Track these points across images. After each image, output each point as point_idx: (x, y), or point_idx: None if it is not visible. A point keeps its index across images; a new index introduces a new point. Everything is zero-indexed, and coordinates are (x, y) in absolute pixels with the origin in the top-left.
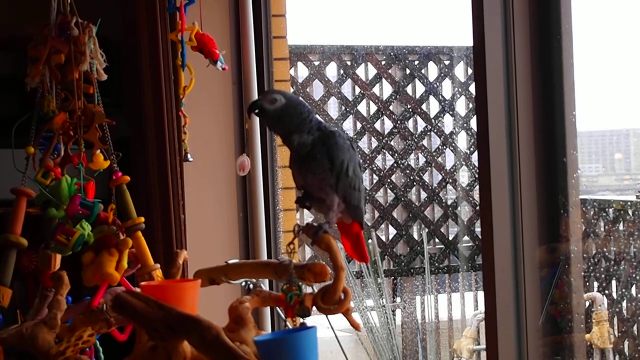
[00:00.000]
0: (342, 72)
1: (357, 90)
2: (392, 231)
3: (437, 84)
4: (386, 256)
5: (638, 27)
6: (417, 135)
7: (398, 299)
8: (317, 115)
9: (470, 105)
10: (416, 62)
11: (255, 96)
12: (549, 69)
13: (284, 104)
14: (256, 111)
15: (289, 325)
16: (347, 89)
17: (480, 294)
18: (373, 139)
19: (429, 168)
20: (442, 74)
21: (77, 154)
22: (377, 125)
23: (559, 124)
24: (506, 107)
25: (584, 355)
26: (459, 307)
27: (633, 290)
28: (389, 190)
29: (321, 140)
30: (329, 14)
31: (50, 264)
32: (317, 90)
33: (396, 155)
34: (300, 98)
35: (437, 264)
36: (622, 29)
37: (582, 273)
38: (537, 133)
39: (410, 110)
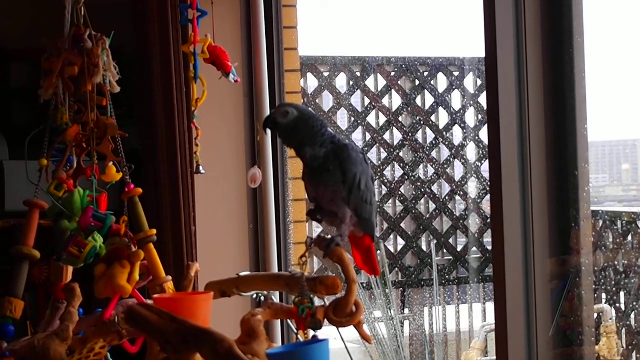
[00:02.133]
0: (351, 83)
1: (367, 101)
2: (401, 242)
3: (447, 95)
4: (395, 267)
5: None
6: (426, 147)
7: (406, 310)
8: (330, 129)
9: (480, 117)
10: (426, 74)
11: (267, 108)
12: (561, 81)
13: (296, 117)
14: (270, 125)
15: (301, 338)
16: (356, 100)
17: (489, 306)
18: (382, 150)
19: (438, 179)
20: (452, 86)
21: (89, 166)
22: (387, 136)
23: (570, 137)
24: (518, 119)
25: None
26: (467, 318)
27: None
28: (398, 202)
29: (334, 153)
30: (339, 26)
31: (62, 276)
32: (327, 101)
33: (405, 167)
34: (313, 111)
35: (445, 276)
36: (632, 41)
37: (593, 286)
38: (548, 146)
39: (420, 121)
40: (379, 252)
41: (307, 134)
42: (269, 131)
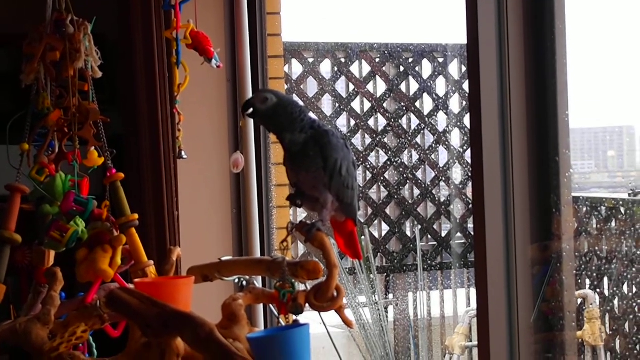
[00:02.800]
0: (336, 69)
1: (351, 87)
2: (385, 228)
3: (431, 81)
4: (379, 253)
5: (632, 25)
6: (410, 133)
7: (391, 296)
8: (311, 114)
9: (464, 103)
10: (410, 60)
11: (250, 94)
12: (542, 67)
13: (275, 103)
14: (249, 111)
15: (282, 322)
16: (341, 86)
17: (473, 291)
18: (367, 136)
19: (422, 165)
20: (436, 72)
21: (71, 151)
22: (371, 122)
23: (551, 123)
24: (500, 105)
25: (575, 352)
26: (451, 304)
27: (625, 288)
28: (382, 187)
29: (314, 138)
30: (323, 12)
31: (44, 260)
32: (311, 87)
33: (390, 152)
34: (293, 97)
35: (429, 261)
36: (616, 27)
37: (574, 271)
38: (530, 131)
39: (404, 107)
40: (363, 237)
41: (286, 120)
42: (251, 118)
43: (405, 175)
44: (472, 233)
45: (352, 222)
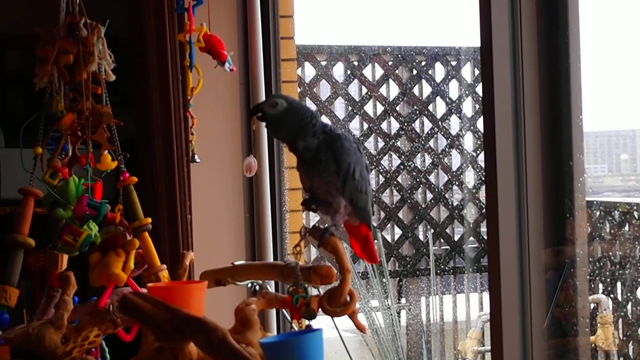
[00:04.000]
0: (349, 72)
1: (364, 90)
2: (398, 232)
3: (444, 85)
4: (392, 257)
5: None
6: (423, 137)
7: (403, 300)
8: (322, 119)
9: (477, 107)
10: (423, 63)
11: (263, 97)
12: (556, 71)
13: (285, 107)
14: (258, 115)
15: (295, 327)
16: (354, 89)
17: (486, 296)
18: (379, 139)
19: (435, 169)
20: (449, 75)
21: (85, 155)
22: (384, 126)
23: (565, 127)
24: (513, 109)
25: (588, 358)
26: (464, 308)
27: (638, 293)
28: (395, 191)
29: (327, 143)
30: (336, 15)
31: (57, 264)
32: (324, 90)
33: (402, 156)
34: (305, 102)
35: (442, 265)
36: (629, 30)
37: (588, 276)
38: (543, 136)
39: (417, 111)
40: (375, 241)
41: (297, 125)
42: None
43: (418, 179)
44: (485, 237)
45: (366, 226)
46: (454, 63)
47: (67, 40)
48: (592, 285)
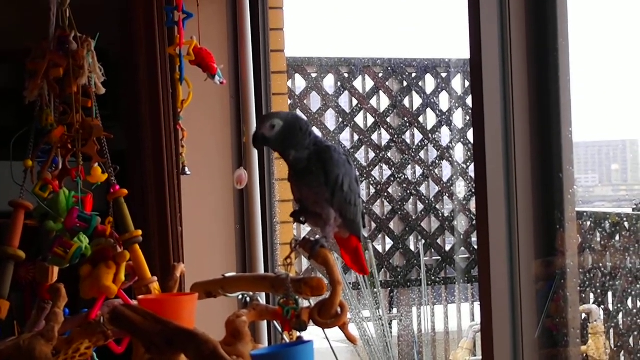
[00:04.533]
0: (339, 84)
1: (355, 102)
2: (389, 243)
3: (435, 97)
4: (383, 268)
5: (634, 39)
6: (414, 148)
7: (395, 310)
8: (314, 130)
9: (467, 118)
10: (413, 75)
11: (253, 110)
12: (545, 83)
13: (282, 126)
14: (261, 142)
15: (286, 339)
16: (344, 101)
17: (477, 306)
18: (370, 151)
19: (426, 180)
20: (440, 87)
21: (75, 167)
22: (374, 137)
23: (555, 139)
24: (503, 120)
25: None
26: (455, 318)
27: (629, 303)
28: (385, 202)
29: (317, 154)
30: (326, 27)
31: (48, 276)
32: (315, 102)
33: (393, 167)
34: (295, 113)
35: (433, 276)
36: (619, 41)
37: (578, 287)
38: (533, 147)
39: (407, 122)
40: (366, 252)
41: (294, 139)
42: (253, 130)
43: (408, 190)
44: (476, 248)
45: (356, 238)
46: (444, 75)
47: (57, 54)
48: (583, 296)
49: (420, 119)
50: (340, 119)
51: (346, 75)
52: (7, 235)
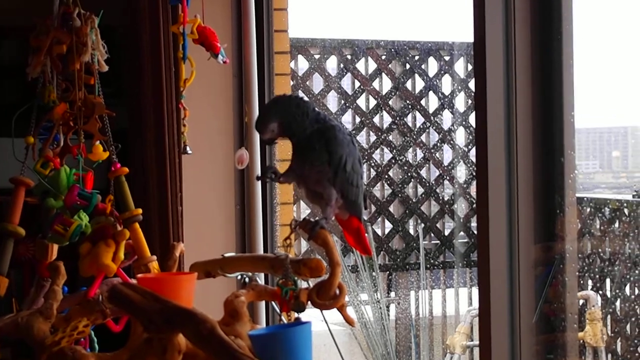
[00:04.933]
0: (342, 66)
1: (357, 84)
2: (388, 226)
3: (437, 79)
4: (382, 251)
5: (637, 26)
6: (415, 131)
7: (393, 294)
8: (314, 108)
9: (470, 102)
10: (416, 58)
11: (256, 90)
12: (548, 67)
13: (278, 124)
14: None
15: (284, 319)
16: (346, 83)
17: (475, 291)
18: (372, 133)
19: (427, 164)
20: (442, 70)
21: (76, 145)
22: (376, 119)
23: (557, 124)
24: (505, 104)
25: (576, 353)
26: (453, 303)
27: (627, 290)
28: (386, 185)
29: (320, 132)
30: (330, 8)
31: (47, 253)
32: (317, 83)
33: (394, 150)
34: (288, 98)
35: (432, 260)
36: (622, 28)
37: (577, 272)
38: (535, 132)
39: (410, 105)
40: (366, 234)
41: (295, 127)
42: (256, 112)
43: (409, 174)
44: (476, 232)
45: (356, 219)
46: (447, 58)
47: (60, 31)
48: (582, 282)
49: (422, 101)
50: (343, 101)
51: (349, 56)
52: (7, 212)
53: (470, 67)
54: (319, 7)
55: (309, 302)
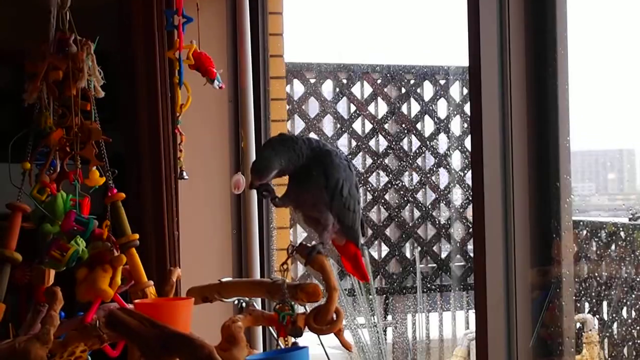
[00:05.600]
0: (337, 90)
1: (353, 108)
2: (385, 249)
3: (433, 103)
4: (378, 274)
5: (632, 48)
6: (411, 155)
7: (390, 317)
8: (306, 138)
9: (465, 126)
10: (412, 82)
11: (252, 114)
12: (544, 92)
13: (278, 170)
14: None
15: (281, 344)
16: (342, 107)
17: (472, 314)
18: (368, 157)
19: (423, 187)
20: (438, 94)
21: (73, 170)
22: (372, 143)
23: (552, 149)
24: (501, 128)
25: None
26: (450, 326)
27: (624, 313)
28: (382, 209)
29: (317, 158)
30: (325, 33)
31: (44, 279)
32: (313, 108)
33: (390, 174)
34: (278, 138)
35: (429, 283)
36: (617, 51)
37: (574, 296)
38: (530, 156)
39: (405, 129)
40: (363, 258)
41: (289, 162)
42: (252, 138)
43: (405, 197)
44: (472, 256)
45: (353, 245)
46: (442, 82)
47: (56, 57)
48: (578, 305)
49: (418, 125)
50: (338, 125)
51: (345, 81)
52: (4, 238)
53: (465, 91)
54: (315, 32)
55: (306, 327)
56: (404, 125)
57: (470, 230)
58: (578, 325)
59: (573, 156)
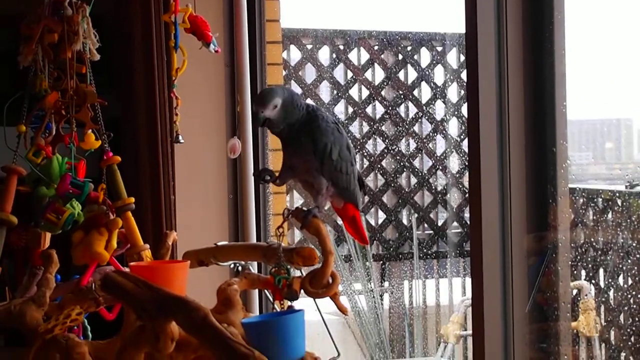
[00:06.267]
0: (334, 56)
1: (349, 74)
2: (382, 216)
3: (430, 70)
4: (375, 240)
5: (631, 17)
6: (408, 121)
7: (386, 284)
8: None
9: (462, 92)
10: (409, 48)
11: (248, 79)
12: (540, 58)
13: (281, 104)
14: (263, 123)
15: (277, 308)
16: (339, 73)
17: (468, 280)
18: (364, 123)
19: (420, 154)
20: (435, 61)
21: (68, 133)
22: (369, 110)
23: (549, 114)
24: (497, 95)
25: (569, 343)
26: (447, 292)
27: (620, 279)
28: (379, 175)
29: (304, 124)
30: None
31: (40, 242)
32: (310, 74)
33: (387, 140)
34: (290, 88)
35: (425, 250)
36: (615, 19)
37: (570, 262)
38: (527, 122)
39: (402, 96)
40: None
41: (291, 116)
42: (248, 102)
43: (402, 164)
44: (469, 222)
45: (352, 206)
46: (439, 48)
47: (51, 19)
48: (575, 272)
49: (415, 92)
50: (335, 91)
51: (341, 47)
52: (0, 201)
53: (462, 57)
54: None
55: (302, 291)
56: (400, 92)
57: (467, 196)
58: (574, 291)
59: (570, 125)
